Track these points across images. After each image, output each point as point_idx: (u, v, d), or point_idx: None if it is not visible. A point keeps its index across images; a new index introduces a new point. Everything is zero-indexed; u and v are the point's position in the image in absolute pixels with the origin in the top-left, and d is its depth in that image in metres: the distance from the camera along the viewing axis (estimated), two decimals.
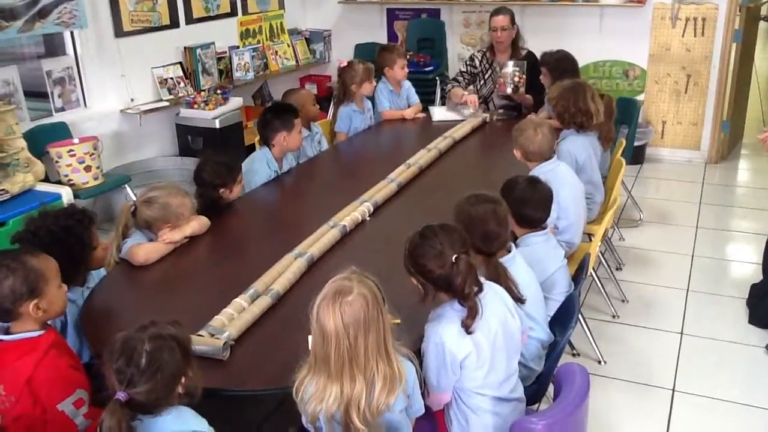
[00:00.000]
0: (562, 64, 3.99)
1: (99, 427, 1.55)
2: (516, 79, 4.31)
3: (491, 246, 2.17)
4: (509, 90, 4.34)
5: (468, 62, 4.71)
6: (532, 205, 2.49)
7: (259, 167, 3.42)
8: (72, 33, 4.39)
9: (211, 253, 2.74)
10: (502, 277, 2.11)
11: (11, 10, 3.86)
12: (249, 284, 2.27)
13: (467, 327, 1.86)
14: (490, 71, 4.58)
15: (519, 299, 2.12)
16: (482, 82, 4.68)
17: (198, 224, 2.76)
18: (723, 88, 5.50)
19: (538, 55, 4.23)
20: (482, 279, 1.95)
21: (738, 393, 2.89)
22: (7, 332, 1.95)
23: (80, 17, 4.21)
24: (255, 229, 3.00)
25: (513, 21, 4.54)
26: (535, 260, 2.42)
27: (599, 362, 3.10)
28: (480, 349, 1.89)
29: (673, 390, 2.93)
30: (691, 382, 2.97)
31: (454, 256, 1.85)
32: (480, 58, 4.63)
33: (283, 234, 2.83)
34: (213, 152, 3.28)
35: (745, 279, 3.69)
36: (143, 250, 2.55)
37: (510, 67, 4.33)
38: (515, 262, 2.25)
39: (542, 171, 2.96)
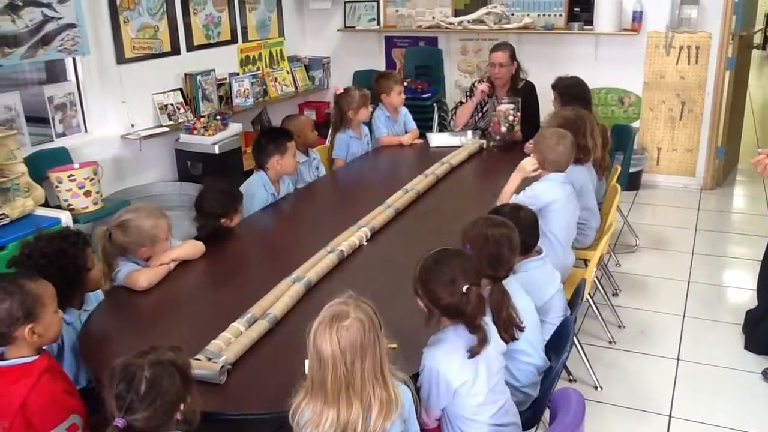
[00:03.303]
0: (571, 90, 4.00)
1: None
2: (510, 118, 4.31)
3: (499, 271, 2.19)
4: (503, 129, 4.32)
5: (468, 93, 4.77)
6: (521, 232, 2.49)
7: (256, 191, 3.46)
8: (74, 59, 4.44)
9: (209, 278, 2.75)
10: (505, 303, 2.13)
11: (14, 37, 3.91)
12: (246, 308, 2.28)
13: (474, 354, 1.88)
14: (488, 104, 4.62)
15: (519, 327, 2.14)
16: (480, 114, 4.73)
17: (192, 248, 2.78)
18: (717, 115, 5.56)
19: (552, 80, 4.17)
20: None
21: (734, 419, 2.89)
22: (0, 358, 1.95)
23: (82, 44, 4.26)
24: (253, 254, 3.02)
25: (513, 57, 4.58)
26: (535, 285, 2.44)
27: (596, 388, 3.10)
28: (478, 376, 1.90)
29: (670, 416, 2.93)
30: (687, 407, 2.97)
31: (465, 287, 1.86)
32: (477, 86, 4.67)
33: (280, 259, 2.85)
34: (214, 181, 3.27)
35: (740, 305, 3.70)
36: (144, 275, 2.56)
37: (504, 105, 4.32)
38: (511, 288, 2.26)
39: (554, 179, 3.01)
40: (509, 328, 2.13)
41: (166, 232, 2.68)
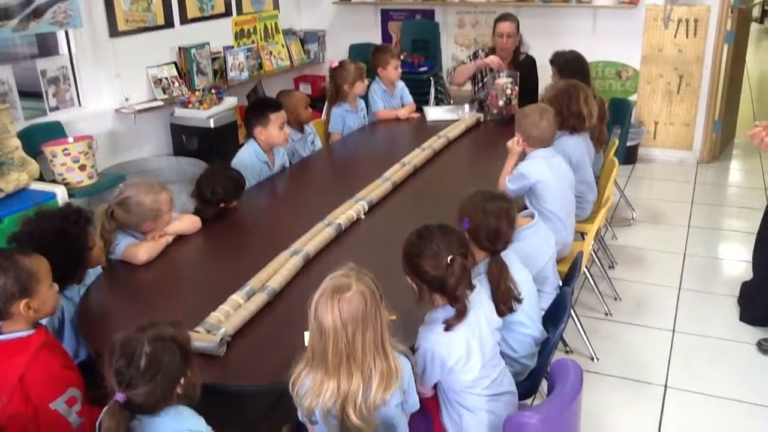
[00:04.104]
0: (571, 64, 3.97)
1: (98, 427, 1.55)
2: (508, 92, 4.28)
3: (497, 244, 2.19)
4: (501, 103, 4.29)
5: (471, 57, 4.75)
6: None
7: (248, 159, 3.45)
8: (66, 32, 4.38)
9: (207, 251, 2.75)
10: (503, 275, 2.14)
11: (5, 10, 3.85)
12: (245, 281, 2.28)
13: (449, 326, 1.88)
14: (488, 76, 4.59)
15: (517, 299, 2.15)
16: (480, 85, 4.70)
17: (189, 222, 2.77)
18: (715, 88, 5.54)
19: (550, 56, 4.14)
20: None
21: (729, 389, 2.92)
22: None
23: (75, 17, 4.20)
24: (250, 228, 3.01)
25: (518, 28, 4.55)
26: (530, 253, 2.45)
27: (592, 359, 3.12)
28: (472, 354, 1.91)
29: (666, 386, 2.96)
30: (683, 378, 3.00)
31: (449, 258, 1.86)
32: (482, 57, 4.64)
33: (278, 232, 2.84)
34: (219, 164, 3.19)
35: (736, 277, 3.73)
36: (143, 249, 2.55)
37: (503, 78, 4.29)
38: (509, 261, 2.26)
39: (539, 156, 2.99)
40: (507, 301, 2.14)
41: (168, 204, 2.67)
